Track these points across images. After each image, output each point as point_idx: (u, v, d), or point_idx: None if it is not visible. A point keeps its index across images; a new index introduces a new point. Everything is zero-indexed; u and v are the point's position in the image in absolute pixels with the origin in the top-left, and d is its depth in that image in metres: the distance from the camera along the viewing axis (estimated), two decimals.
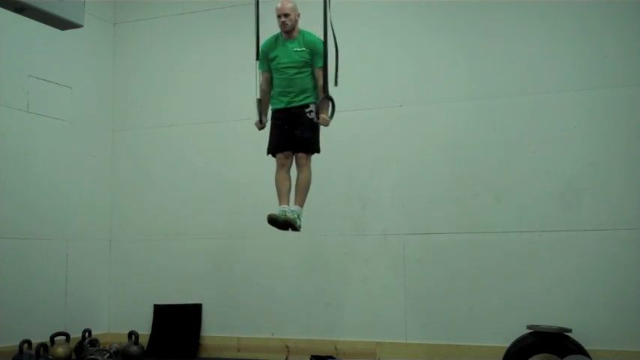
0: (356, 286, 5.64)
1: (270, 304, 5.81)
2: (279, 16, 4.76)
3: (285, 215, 4.61)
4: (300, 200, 4.74)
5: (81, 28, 3.36)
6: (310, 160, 4.76)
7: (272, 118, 4.84)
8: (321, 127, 4.73)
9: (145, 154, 6.56)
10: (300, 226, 4.69)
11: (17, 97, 5.69)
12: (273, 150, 4.81)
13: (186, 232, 6.28)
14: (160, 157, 6.48)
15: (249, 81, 4.91)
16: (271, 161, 4.87)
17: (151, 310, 6.27)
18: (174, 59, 6.53)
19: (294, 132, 4.72)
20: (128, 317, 6.30)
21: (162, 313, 6.22)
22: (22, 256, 5.63)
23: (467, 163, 5.40)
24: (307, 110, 4.70)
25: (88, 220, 6.33)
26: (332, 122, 4.59)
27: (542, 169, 5.19)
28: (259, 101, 4.84)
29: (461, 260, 5.35)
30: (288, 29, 4.76)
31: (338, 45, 4.63)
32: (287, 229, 4.64)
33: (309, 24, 4.77)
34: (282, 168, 4.79)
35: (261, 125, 4.85)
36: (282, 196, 4.77)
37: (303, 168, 4.73)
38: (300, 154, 4.73)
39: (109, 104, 6.70)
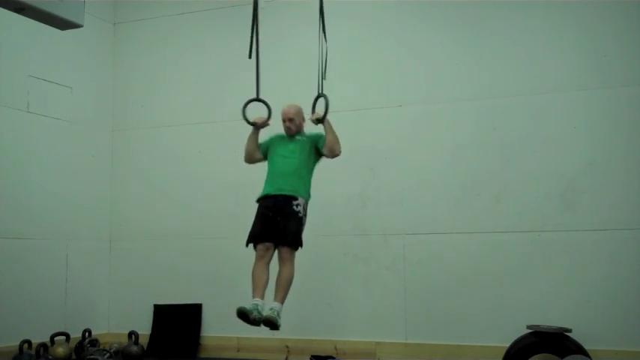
0: (356, 286, 5.64)
1: (270, 304, 5.79)
2: (284, 121, 4.75)
3: (259, 313, 4.26)
4: (281, 297, 4.40)
5: (81, 28, 3.36)
6: (294, 255, 4.51)
7: (258, 206, 4.65)
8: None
9: (145, 154, 6.56)
10: (279, 325, 4.30)
11: (17, 97, 5.69)
12: (253, 239, 4.55)
13: (186, 232, 6.28)
14: (160, 157, 6.48)
15: (249, 81, 4.90)
16: None
17: (151, 310, 6.27)
18: (174, 59, 6.53)
19: (277, 223, 4.50)
20: (128, 317, 6.30)
21: (162, 313, 6.22)
22: (22, 256, 5.63)
23: (467, 163, 5.40)
24: (295, 203, 4.55)
25: (88, 220, 6.33)
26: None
27: (542, 169, 5.19)
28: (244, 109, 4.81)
29: (461, 260, 5.35)
30: (293, 133, 4.75)
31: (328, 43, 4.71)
32: (259, 325, 4.29)
33: (304, 23, 4.75)
34: (261, 260, 4.50)
35: (255, 122, 4.80)
36: (257, 288, 4.43)
37: (286, 262, 4.46)
38: (284, 248, 4.47)
39: (109, 104, 6.70)
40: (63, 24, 3.28)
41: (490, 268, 5.26)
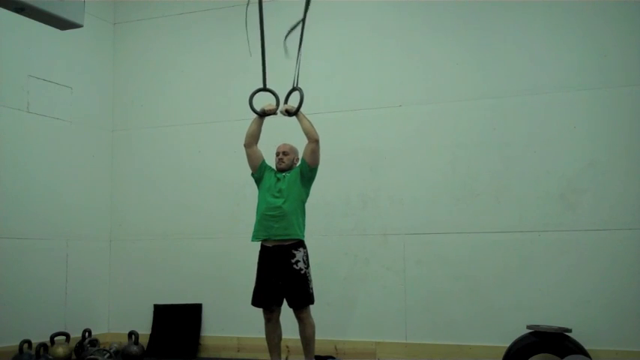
0: (356, 286, 5.64)
1: None
2: (277, 154, 4.79)
3: None
4: (309, 354, 4.69)
5: (81, 28, 3.36)
6: (309, 311, 4.64)
7: (258, 259, 4.70)
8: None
9: (145, 154, 6.56)
10: None
11: (17, 97, 5.69)
12: (258, 304, 4.68)
13: (186, 232, 6.28)
14: (160, 157, 6.48)
15: (249, 81, 4.91)
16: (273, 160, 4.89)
17: (151, 310, 6.27)
18: (174, 59, 6.53)
19: (282, 287, 4.58)
20: (128, 317, 6.30)
21: (163, 313, 6.23)
22: (22, 256, 5.63)
23: (467, 163, 5.40)
24: (294, 261, 4.57)
25: (88, 220, 6.33)
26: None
27: (542, 169, 5.19)
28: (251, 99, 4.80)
29: (461, 260, 5.35)
30: (283, 167, 4.75)
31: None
32: None
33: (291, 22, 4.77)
34: (269, 322, 4.69)
35: (264, 110, 4.78)
36: (272, 350, 4.73)
37: (303, 321, 4.62)
38: (297, 312, 4.62)
39: (109, 104, 6.70)
40: (63, 24, 3.28)
41: (490, 268, 5.26)
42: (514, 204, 5.24)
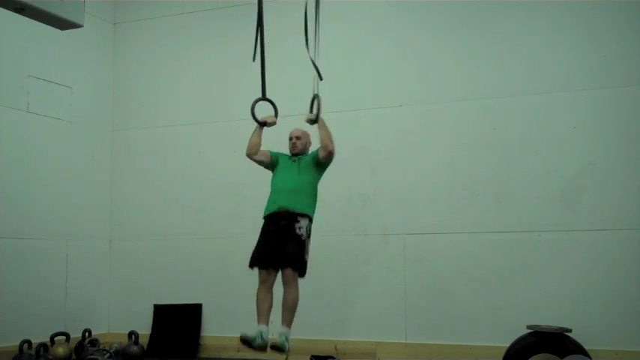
0: (356, 286, 5.64)
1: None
2: (290, 139, 4.82)
3: (263, 340, 4.34)
4: (288, 320, 4.50)
5: (81, 28, 3.36)
6: (297, 278, 4.53)
7: (262, 226, 4.67)
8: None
9: (145, 154, 6.56)
10: (288, 350, 4.43)
11: (17, 97, 5.70)
12: (255, 263, 4.59)
13: (186, 232, 6.28)
14: (160, 157, 6.48)
15: (249, 81, 4.90)
16: None
17: (151, 310, 6.27)
18: (174, 59, 6.53)
19: (281, 247, 4.52)
20: (128, 317, 6.30)
21: (163, 313, 6.22)
22: (22, 256, 5.63)
23: (467, 163, 5.40)
24: (297, 226, 4.55)
25: (88, 220, 6.33)
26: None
27: (542, 169, 5.19)
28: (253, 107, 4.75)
29: (461, 260, 5.35)
30: (297, 152, 4.79)
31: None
32: (264, 351, 4.42)
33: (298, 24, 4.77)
34: (264, 284, 4.56)
35: (265, 120, 4.76)
36: (261, 314, 4.54)
37: (290, 286, 4.50)
38: (286, 271, 4.50)
39: (109, 104, 6.70)
40: (63, 24, 3.28)
41: (490, 268, 5.26)
42: (514, 204, 5.24)
